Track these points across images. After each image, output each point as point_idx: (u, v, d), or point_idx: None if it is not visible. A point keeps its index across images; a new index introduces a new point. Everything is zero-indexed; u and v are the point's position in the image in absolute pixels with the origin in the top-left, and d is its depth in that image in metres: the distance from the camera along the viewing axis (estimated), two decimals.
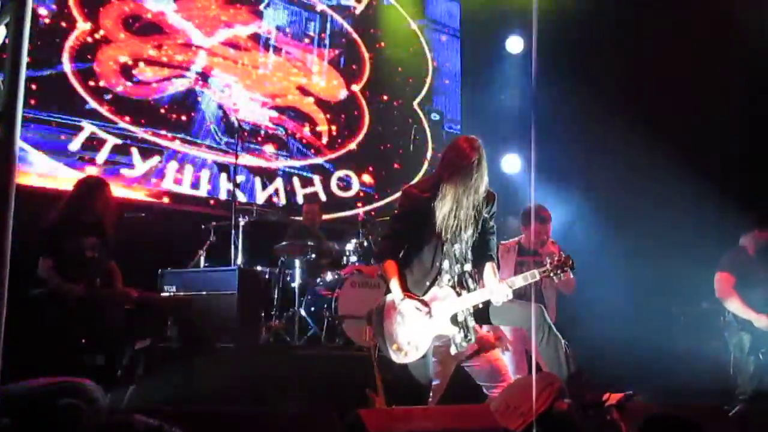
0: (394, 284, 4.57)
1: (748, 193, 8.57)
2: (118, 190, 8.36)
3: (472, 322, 4.62)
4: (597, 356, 6.13)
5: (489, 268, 4.71)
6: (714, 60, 9.16)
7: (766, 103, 9.10)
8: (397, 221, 4.79)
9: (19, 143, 7.34)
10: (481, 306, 4.62)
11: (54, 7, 8.34)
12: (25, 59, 3.23)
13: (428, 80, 11.50)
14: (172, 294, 6.89)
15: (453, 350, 4.59)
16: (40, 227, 5.79)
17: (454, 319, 4.55)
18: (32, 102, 7.93)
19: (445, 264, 4.61)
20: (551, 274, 4.63)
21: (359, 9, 10.96)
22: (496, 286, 4.56)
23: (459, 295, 4.58)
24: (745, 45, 9.18)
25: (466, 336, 4.58)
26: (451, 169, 4.56)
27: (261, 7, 10.01)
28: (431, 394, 4.81)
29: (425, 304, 4.52)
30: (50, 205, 5.95)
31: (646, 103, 9.48)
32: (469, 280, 4.67)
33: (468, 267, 4.68)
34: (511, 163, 11.33)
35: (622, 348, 7.38)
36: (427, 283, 4.62)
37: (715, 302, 7.22)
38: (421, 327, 4.51)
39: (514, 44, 11.68)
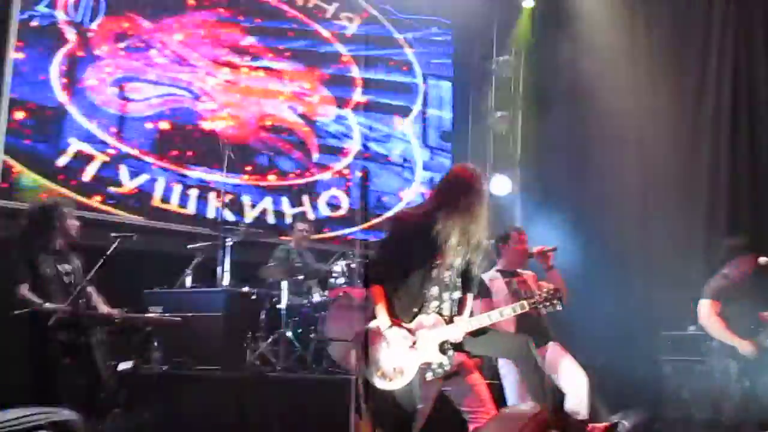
0: (381, 311, 4.52)
1: (734, 221, 8.57)
2: (105, 208, 8.37)
3: (452, 351, 4.58)
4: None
5: (467, 300, 4.72)
6: (701, 87, 9.18)
7: (750, 131, 9.14)
8: (388, 246, 4.71)
9: (4, 158, 7.34)
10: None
11: (45, 22, 8.30)
12: (10, 69, 3.19)
13: (418, 101, 11.46)
14: (157, 315, 6.82)
15: (429, 376, 4.55)
16: (14, 250, 5.77)
17: (441, 347, 4.51)
18: (21, 116, 7.89)
19: (434, 291, 4.57)
20: (539, 306, 4.61)
21: (351, 30, 10.94)
22: (463, 322, 4.56)
23: (447, 322, 4.54)
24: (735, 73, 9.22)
25: (442, 364, 4.54)
26: (456, 198, 4.53)
27: (254, 26, 9.98)
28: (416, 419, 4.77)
29: (412, 333, 4.48)
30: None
31: (635, 129, 9.47)
32: (455, 308, 4.64)
33: (457, 295, 4.65)
34: (500, 185, 11.24)
35: (608, 373, 7.33)
36: (415, 310, 4.56)
37: (701, 327, 7.20)
38: (407, 354, 4.47)
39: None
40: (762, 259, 6.96)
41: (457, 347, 4.59)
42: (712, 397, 7.08)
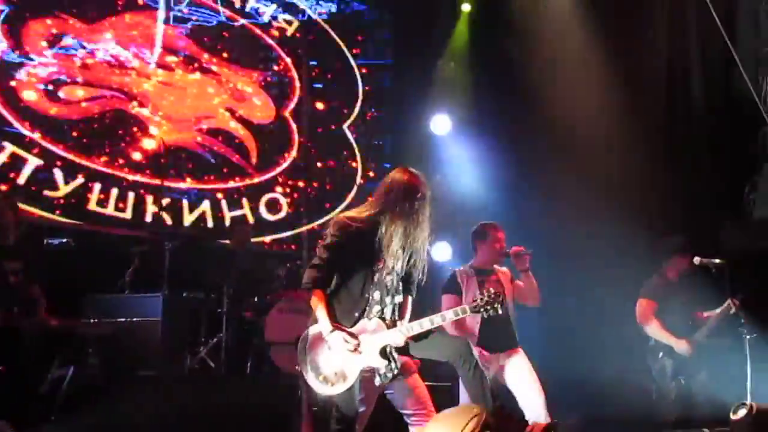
0: (322, 315, 4.48)
1: (669, 223, 8.73)
2: (39, 212, 8.21)
3: (396, 353, 4.58)
4: None
5: (408, 303, 4.73)
6: (637, 100, 9.36)
7: (684, 139, 9.34)
8: (328, 250, 4.63)
9: None
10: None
11: None
12: None
13: (358, 104, 11.46)
14: (94, 321, 6.71)
15: (377, 381, 4.53)
16: None
17: (382, 352, 4.50)
18: None
19: (376, 295, 4.54)
20: (481, 310, 4.62)
21: (289, 31, 10.90)
22: (405, 326, 4.54)
23: (389, 327, 4.53)
24: (674, 71, 9.42)
25: (391, 368, 4.53)
26: (400, 203, 4.51)
27: (193, 27, 9.89)
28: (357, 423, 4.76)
29: (354, 337, 4.45)
30: None
31: (577, 134, 9.60)
32: (398, 312, 4.63)
33: (399, 299, 4.64)
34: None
35: (549, 374, 7.40)
36: (356, 314, 4.52)
37: (639, 327, 7.31)
38: (348, 359, 4.44)
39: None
40: (696, 259, 7.09)
41: (400, 349, 4.59)
42: (649, 395, 7.20)
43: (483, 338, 6.18)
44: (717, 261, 6.99)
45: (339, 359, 4.44)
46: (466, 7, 10.99)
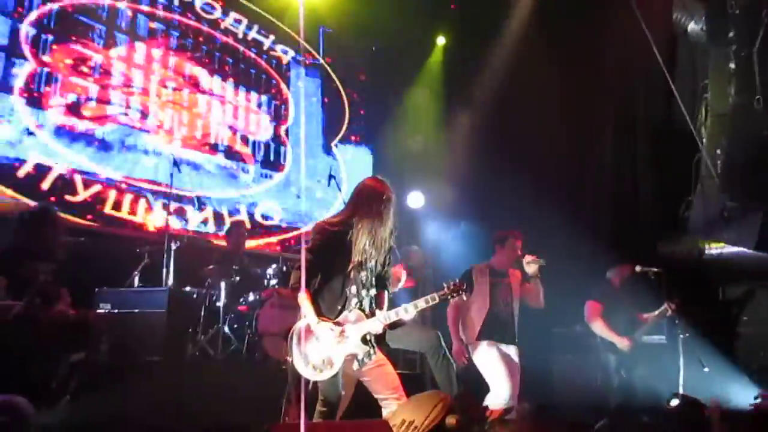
0: (309, 310, 4.50)
1: (614, 234, 8.79)
2: (61, 215, 8.15)
3: (374, 341, 4.60)
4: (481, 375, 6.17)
5: (383, 296, 4.75)
6: (591, 114, 9.42)
7: (627, 160, 9.41)
8: (310, 254, 4.66)
9: None
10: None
11: (5, 43, 8.10)
12: None
13: (345, 122, 11.48)
14: (106, 311, 6.66)
15: (355, 366, 4.54)
16: None
17: (363, 339, 4.52)
18: None
19: (353, 289, 4.58)
20: (449, 297, 4.66)
21: (285, 59, 10.92)
22: (382, 315, 4.58)
23: (368, 317, 4.55)
24: (621, 101, 9.51)
25: (369, 353, 4.55)
26: (368, 205, 4.59)
27: (199, 53, 9.88)
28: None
29: (338, 325, 4.48)
30: None
31: (535, 155, 9.66)
32: (374, 304, 4.66)
33: (373, 292, 4.67)
34: (415, 199, 11.33)
35: None
36: (339, 308, 4.58)
37: (587, 326, 7.35)
38: (334, 347, 4.46)
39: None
40: (637, 268, 7.17)
41: (378, 340, 4.60)
42: (595, 386, 7.24)
43: (488, 331, 6.21)
44: (655, 269, 7.08)
45: (325, 348, 4.45)
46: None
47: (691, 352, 6.80)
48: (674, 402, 6.17)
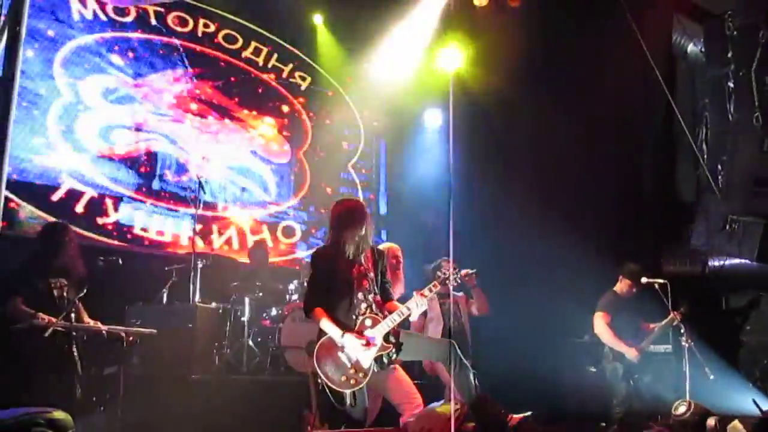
0: (329, 326, 4.59)
1: (619, 247, 8.78)
2: (93, 236, 8.27)
3: (394, 338, 4.67)
4: (496, 383, 6.17)
5: (393, 306, 4.85)
6: (595, 132, 9.41)
7: (633, 179, 9.42)
8: (314, 278, 4.90)
9: (8, 193, 7.15)
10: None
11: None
12: (17, 84, 3.15)
13: (360, 146, 11.55)
14: (137, 327, 6.73)
15: (376, 368, 4.58)
16: (12, 269, 5.66)
17: (386, 338, 4.58)
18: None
19: (360, 295, 4.70)
20: (446, 283, 4.97)
21: (303, 86, 11.02)
22: (413, 299, 4.74)
23: (382, 319, 4.62)
24: (623, 120, 9.51)
25: (391, 354, 4.61)
26: (349, 223, 4.83)
27: (222, 81, 10.00)
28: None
29: (361, 335, 4.54)
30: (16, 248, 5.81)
31: (544, 173, 9.66)
32: (381, 306, 4.74)
33: (377, 297, 4.76)
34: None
35: (518, 376, 7.42)
36: (353, 317, 4.67)
37: (595, 336, 7.35)
38: (361, 354, 4.52)
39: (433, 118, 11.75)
40: (644, 279, 7.17)
41: (397, 349, 4.65)
42: (604, 395, 7.22)
43: None
44: (660, 281, 7.08)
45: (355, 357, 4.50)
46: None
47: (697, 361, 6.78)
48: (681, 409, 6.17)
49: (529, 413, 4.85)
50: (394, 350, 4.62)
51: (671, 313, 7.01)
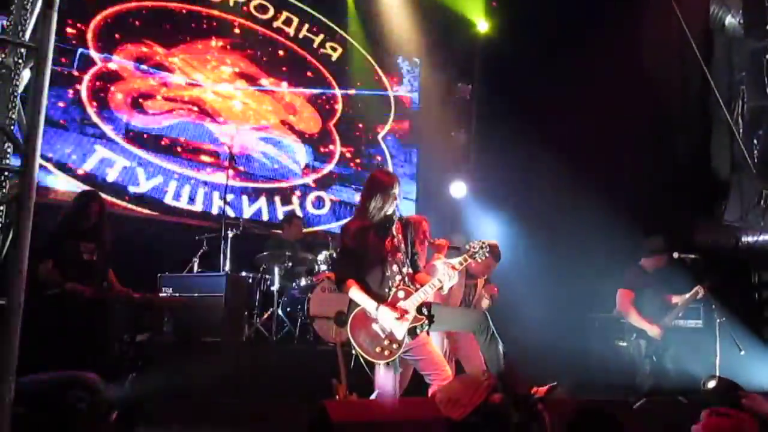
0: (363, 298, 4.54)
1: (651, 221, 8.66)
2: (125, 205, 8.34)
3: (426, 310, 4.63)
4: (524, 356, 6.14)
5: (423, 273, 4.83)
6: (629, 106, 9.26)
7: (667, 153, 9.25)
8: (345, 250, 4.81)
9: (43, 162, 7.24)
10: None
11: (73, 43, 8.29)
12: (45, 98, 3.17)
13: (391, 116, 11.48)
14: (168, 295, 6.79)
15: (412, 336, 4.56)
16: (41, 233, 5.69)
17: (419, 310, 4.55)
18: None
19: (394, 268, 4.61)
20: (475, 256, 4.80)
21: (335, 57, 10.95)
22: (443, 271, 4.64)
23: (414, 291, 4.58)
24: (658, 94, 9.35)
25: (424, 324, 4.59)
26: (380, 194, 4.70)
27: (253, 51, 9.97)
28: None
29: (395, 308, 4.50)
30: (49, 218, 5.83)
31: (577, 145, 9.54)
32: (412, 279, 4.70)
33: (408, 269, 4.70)
34: (458, 189, 11.30)
35: (545, 349, 7.40)
36: (386, 290, 4.61)
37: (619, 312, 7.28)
38: (395, 326, 4.49)
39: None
40: (675, 254, 7.06)
41: (430, 321, 4.62)
42: (627, 368, 7.16)
43: None
44: (693, 256, 6.97)
45: (389, 328, 4.48)
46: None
47: (728, 336, 6.69)
48: (711, 383, 6.09)
49: (555, 383, 4.83)
50: (426, 322, 4.60)
51: (697, 286, 6.90)
